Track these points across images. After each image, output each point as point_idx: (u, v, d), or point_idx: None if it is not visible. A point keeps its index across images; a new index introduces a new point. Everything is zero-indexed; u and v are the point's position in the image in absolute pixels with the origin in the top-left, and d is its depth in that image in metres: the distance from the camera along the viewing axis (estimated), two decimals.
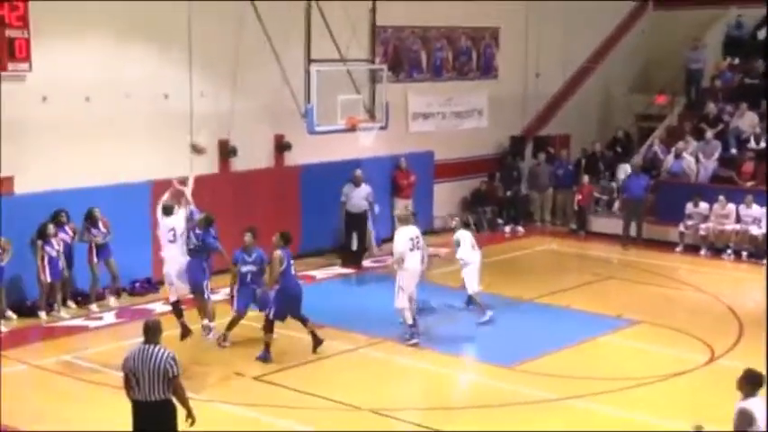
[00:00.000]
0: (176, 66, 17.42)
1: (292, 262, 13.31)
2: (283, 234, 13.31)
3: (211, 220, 14.12)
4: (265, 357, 13.21)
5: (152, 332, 8.91)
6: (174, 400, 8.86)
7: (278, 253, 13.05)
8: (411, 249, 14.08)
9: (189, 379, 12.30)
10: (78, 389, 12.32)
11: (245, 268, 13.58)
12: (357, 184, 18.66)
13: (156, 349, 8.76)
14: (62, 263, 15.37)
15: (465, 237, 15.30)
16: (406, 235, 14.21)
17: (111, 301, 16.16)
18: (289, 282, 13.16)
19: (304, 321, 13.50)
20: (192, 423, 8.93)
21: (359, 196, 18.67)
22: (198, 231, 13.79)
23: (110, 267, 16.08)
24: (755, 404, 7.71)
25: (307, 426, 11.19)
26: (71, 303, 15.85)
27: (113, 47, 16.59)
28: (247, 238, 13.62)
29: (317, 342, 13.51)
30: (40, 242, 15.07)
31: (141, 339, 11.34)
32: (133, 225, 16.49)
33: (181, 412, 8.92)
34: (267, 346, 13.24)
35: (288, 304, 13.21)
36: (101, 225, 15.88)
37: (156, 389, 8.71)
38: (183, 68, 17.45)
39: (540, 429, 11.14)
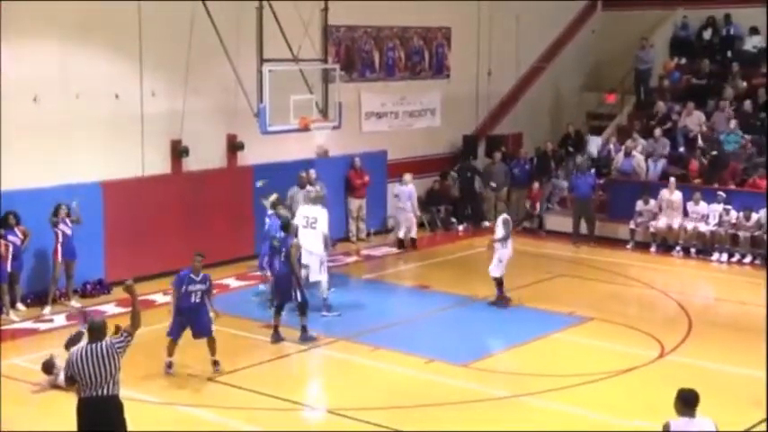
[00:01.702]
0: (127, 66, 17.29)
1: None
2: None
3: None
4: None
5: (96, 331, 8.86)
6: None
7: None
8: (304, 227, 15.27)
9: (144, 381, 12.30)
10: (27, 393, 12.14)
11: (192, 287, 12.89)
12: (302, 186, 18.39)
13: (100, 345, 8.71)
14: (8, 265, 15.13)
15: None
16: (300, 212, 15.73)
17: (70, 303, 15.96)
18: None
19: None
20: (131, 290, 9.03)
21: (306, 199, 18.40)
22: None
23: (69, 270, 15.92)
24: (678, 425, 7.82)
25: (262, 426, 11.15)
26: (20, 306, 15.63)
27: (63, 46, 16.39)
28: (197, 262, 13.00)
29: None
30: None
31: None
32: (84, 226, 16.29)
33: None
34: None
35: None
36: (68, 221, 15.70)
37: (101, 385, 8.64)
38: (133, 68, 17.36)
39: (494, 427, 11.19)
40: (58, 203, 15.73)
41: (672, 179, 20.71)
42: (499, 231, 16.04)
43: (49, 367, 12.25)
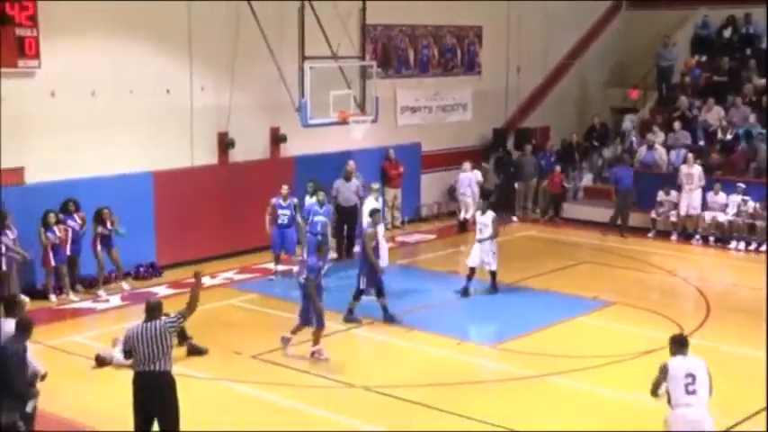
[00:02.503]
0: (177, 62, 17.43)
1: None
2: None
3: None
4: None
5: (152, 310, 9.01)
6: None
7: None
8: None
9: (191, 358, 12.46)
10: (86, 367, 12.35)
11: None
12: (347, 179, 18.53)
13: (154, 324, 8.85)
14: (67, 249, 15.36)
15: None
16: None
17: (121, 285, 16.13)
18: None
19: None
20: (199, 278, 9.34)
21: (349, 190, 18.49)
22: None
23: (112, 257, 16.08)
24: (674, 362, 8.82)
25: (302, 401, 11.25)
26: (79, 287, 15.86)
27: (118, 45, 16.55)
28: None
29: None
30: (42, 229, 15.07)
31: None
32: (137, 213, 16.51)
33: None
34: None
35: None
36: (108, 223, 15.85)
37: (154, 360, 8.78)
38: (183, 65, 17.50)
39: (522, 404, 11.23)
40: (99, 208, 15.77)
41: (690, 155, 20.55)
42: (487, 231, 15.57)
43: (101, 363, 12.34)
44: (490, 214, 15.66)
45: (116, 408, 10.84)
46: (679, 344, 8.96)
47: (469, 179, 21.03)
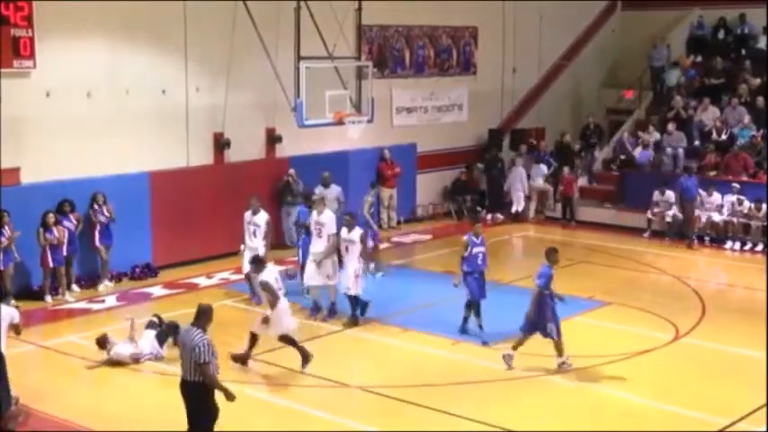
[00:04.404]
0: (173, 63, 17.41)
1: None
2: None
3: None
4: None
5: (198, 315, 8.92)
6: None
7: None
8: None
9: None
10: (82, 368, 12.32)
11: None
12: (326, 185, 18.22)
13: (195, 332, 8.77)
14: (64, 250, 15.33)
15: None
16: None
17: (103, 285, 16.08)
18: None
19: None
20: (232, 400, 8.96)
21: (330, 197, 18.28)
22: None
23: (101, 254, 16.05)
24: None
25: (298, 401, 11.24)
26: (75, 287, 15.82)
27: (113, 45, 16.53)
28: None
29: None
30: (41, 230, 15.04)
31: (144, 321, 11.35)
32: (132, 213, 16.48)
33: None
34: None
35: None
36: (105, 210, 15.84)
37: (188, 368, 8.77)
38: (179, 65, 17.48)
39: (516, 404, 11.22)
40: (95, 192, 15.83)
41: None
42: (354, 249, 13.96)
43: (103, 342, 12.38)
44: (357, 231, 13.97)
45: (112, 408, 10.85)
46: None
47: (521, 174, 21.50)
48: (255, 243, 14.93)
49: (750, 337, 13.49)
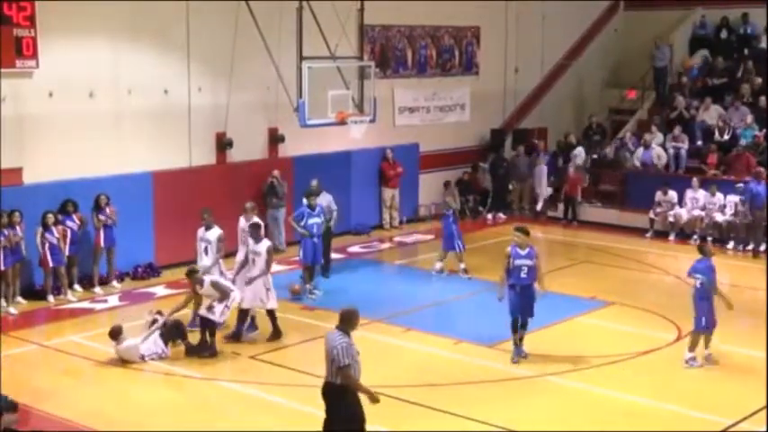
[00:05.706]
0: (175, 62, 17.41)
1: None
2: None
3: None
4: None
5: (341, 319, 8.79)
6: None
7: None
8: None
9: (189, 357, 12.43)
10: (84, 367, 12.31)
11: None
12: (317, 194, 18.05)
13: (336, 335, 8.69)
14: (66, 250, 15.32)
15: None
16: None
17: (114, 284, 16.12)
18: None
19: None
20: (376, 402, 8.85)
21: (323, 205, 18.01)
22: None
23: (107, 255, 16.05)
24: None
25: (299, 401, 11.21)
26: (78, 287, 15.81)
27: (116, 45, 16.53)
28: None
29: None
30: (40, 230, 15.03)
31: (144, 321, 11.34)
32: (135, 213, 16.48)
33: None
34: None
35: None
36: (107, 210, 15.85)
37: (329, 371, 8.73)
38: (181, 65, 17.47)
39: (518, 405, 11.20)
40: (98, 194, 15.82)
41: (695, 179, 20.34)
42: (260, 261, 13.12)
43: (115, 333, 12.36)
44: (265, 243, 13.28)
45: (114, 408, 10.84)
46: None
47: (541, 171, 21.89)
48: (206, 262, 13.62)
49: (753, 338, 13.46)
